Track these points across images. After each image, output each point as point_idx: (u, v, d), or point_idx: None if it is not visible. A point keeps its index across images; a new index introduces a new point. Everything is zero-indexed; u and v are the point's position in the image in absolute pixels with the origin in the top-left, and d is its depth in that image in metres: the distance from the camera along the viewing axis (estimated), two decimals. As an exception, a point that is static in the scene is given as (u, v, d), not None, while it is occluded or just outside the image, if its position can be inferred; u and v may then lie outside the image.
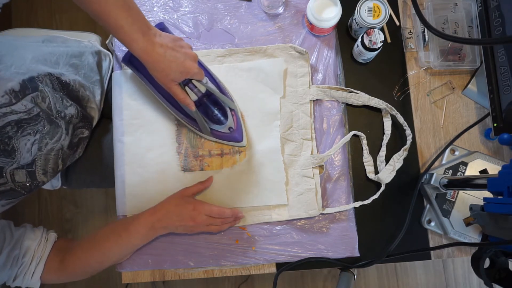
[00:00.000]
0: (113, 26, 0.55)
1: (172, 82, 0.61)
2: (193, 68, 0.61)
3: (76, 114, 0.71)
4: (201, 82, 0.65)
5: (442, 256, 0.75)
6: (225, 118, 0.69)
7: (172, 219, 0.66)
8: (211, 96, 0.69)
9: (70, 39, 0.84)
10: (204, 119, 0.68)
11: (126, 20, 0.55)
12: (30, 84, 0.60)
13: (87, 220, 1.59)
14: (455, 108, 0.78)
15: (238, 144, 0.72)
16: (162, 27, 0.67)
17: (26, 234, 0.64)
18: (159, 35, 0.59)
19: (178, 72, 0.60)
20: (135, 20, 0.55)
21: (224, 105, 0.70)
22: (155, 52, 0.57)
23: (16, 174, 0.62)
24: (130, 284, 1.39)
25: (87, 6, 0.53)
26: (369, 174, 0.74)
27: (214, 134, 0.71)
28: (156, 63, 0.58)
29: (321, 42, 0.77)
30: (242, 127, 0.72)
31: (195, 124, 0.70)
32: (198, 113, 0.67)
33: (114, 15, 0.54)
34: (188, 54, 0.61)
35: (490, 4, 0.71)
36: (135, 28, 0.55)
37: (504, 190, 0.51)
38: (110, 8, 0.53)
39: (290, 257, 0.72)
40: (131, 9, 0.55)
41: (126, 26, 0.55)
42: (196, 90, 0.65)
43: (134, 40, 0.56)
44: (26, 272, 0.63)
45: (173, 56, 0.59)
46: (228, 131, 0.70)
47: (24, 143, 0.61)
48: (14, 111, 0.57)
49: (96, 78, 0.82)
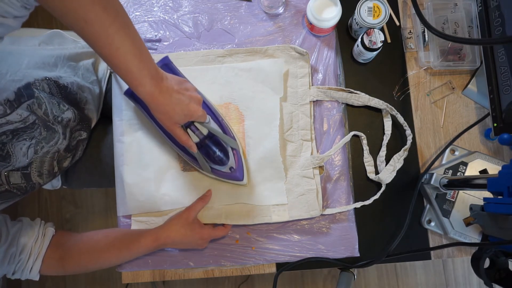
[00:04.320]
0: (123, 70, 0.54)
1: (175, 125, 0.61)
2: (197, 111, 0.61)
3: (73, 118, 0.71)
4: (203, 124, 0.65)
5: (442, 256, 0.75)
6: (227, 158, 0.69)
7: (178, 246, 0.71)
8: (213, 137, 0.68)
9: (67, 39, 0.84)
10: (205, 159, 0.68)
11: (137, 66, 0.53)
12: (26, 91, 0.59)
13: (87, 220, 1.59)
14: (455, 108, 0.78)
15: (238, 183, 0.71)
16: (167, 62, 0.67)
17: (22, 230, 0.64)
18: (166, 78, 0.59)
19: (182, 115, 0.60)
20: (145, 65, 0.54)
21: (226, 145, 0.69)
22: (161, 96, 0.57)
23: (11, 176, 0.62)
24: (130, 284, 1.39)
25: (97, 48, 0.52)
26: (370, 174, 0.74)
27: (214, 173, 0.70)
28: (160, 106, 0.58)
29: (321, 42, 0.77)
30: (243, 166, 0.71)
31: (196, 163, 0.69)
32: (199, 154, 0.66)
33: (125, 60, 0.53)
34: (192, 97, 0.61)
35: (490, 4, 0.71)
36: (144, 73, 0.54)
37: (504, 190, 0.52)
38: (122, 53, 0.52)
39: (290, 257, 0.72)
40: (142, 54, 0.54)
41: (136, 71, 0.54)
42: (198, 133, 0.65)
43: (141, 84, 0.55)
44: (24, 268, 0.64)
45: (178, 99, 0.59)
46: (229, 170, 0.70)
47: (20, 147, 0.61)
48: (10, 122, 0.56)
49: (93, 78, 0.82)
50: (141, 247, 0.67)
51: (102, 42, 0.50)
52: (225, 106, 0.75)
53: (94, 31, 0.49)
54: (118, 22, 0.50)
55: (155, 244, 0.67)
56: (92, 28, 0.49)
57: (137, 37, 0.54)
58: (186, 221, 0.68)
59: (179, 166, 0.74)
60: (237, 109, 0.75)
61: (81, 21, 0.48)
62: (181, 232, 0.67)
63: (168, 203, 0.73)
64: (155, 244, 0.67)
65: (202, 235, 0.68)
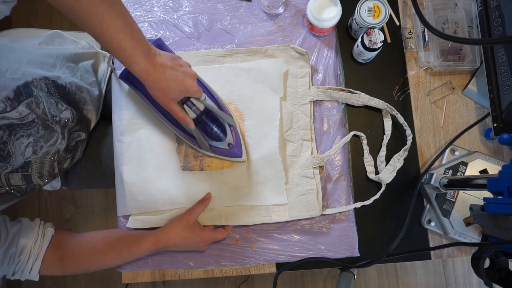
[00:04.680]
0: (116, 48, 0.54)
1: (171, 101, 0.61)
2: (193, 87, 0.61)
3: (71, 118, 0.71)
4: (199, 100, 0.65)
5: (442, 256, 0.75)
6: (224, 134, 0.69)
7: (178, 248, 0.70)
8: (209, 113, 0.68)
9: (67, 39, 0.84)
10: (203, 136, 0.68)
11: (129, 43, 0.54)
12: (25, 90, 0.60)
13: (87, 220, 1.59)
14: (455, 108, 0.78)
15: (237, 160, 0.72)
16: (160, 43, 0.67)
17: (22, 231, 0.64)
18: (159, 54, 0.59)
19: (177, 90, 0.60)
20: (138, 43, 0.55)
21: (223, 121, 0.69)
22: (155, 72, 0.57)
23: (12, 178, 0.62)
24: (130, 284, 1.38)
25: (88, 28, 0.52)
26: (370, 174, 0.74)
27: (213, 150, 0.71)
28: (156, 82, 0.58)
29: (321, 42, 0.77)
30: (241, 142, 0.71)
31: (194, 141, 0.70)
32: (197, 130, 0.66)
33: (117, 38, 0.53)
34: (187, 73, 0.61)
35: (490, 4, 0.71)
36: (137, 51, 0.55)
37: (504, 190, 0.51)
38: (113, 31, 0.52)
39: (290, 257, 0.72)
40: (133, 31, 0.55)
41: (128, 48, 0.54)
42: (195, 108, 0.65)
43: (135, 62, 0.55)
44: (23, 269, 0.64)
45: (173, 75, 0.59)
46: (227, 147, 0.70)
47: (19, 146, 0.61)
48: (6, 117, 0.57)
49: (92, 79, 0.82)
50: (141, 250, 0.68)
51: (92, 20, 0.51)
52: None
53: (83, 11, 0.49)
54: (107, 0, 0.51)
55: (156, 247, 0.68)
56: (81, 8, 0.49)
57: (128, 15, 0.55)
58: (186, 224, 0.68)
59: (178, 165, 0.74)
60: (237, 109, 0.75)
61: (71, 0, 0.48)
62: (181, 235, 0.67)
63: (167, 203, 0.73)
64: (156, 247, 0.68)
65: (202, 238, 0.68)
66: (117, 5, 0.52)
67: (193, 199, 0.72)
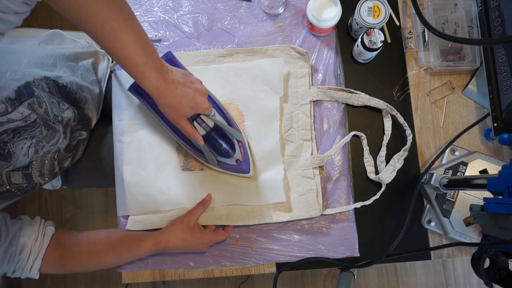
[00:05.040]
0: (128, 63, 0.54)
1: (181, 118, 0.61)
2: (203, 104, 0.61)
3: (73, 117, 0.71)
4: (209, 116, 0.65)
5: (442, 256, 0.75)
6: (233, 151, 0.69)
7: (179, 250, 0.70)
8: (219, 129, 0.68)
9: (67, 39, 0.84)
10: (211, 152, 0.68)
11: (141, 59, 0.53)
12: (26, 90, 0.60)
13: (87, 220, 1.59)
14: (455, 108, 0.78)
15: (245, 175, 0.71)
16: (170, 56, 0.67)
17: (22, 230, 0.64)
18: (171, 71, 0.59)
19: (188, 107, 0.60)
20: (150, 58, 0.54)
21: (231, 137, 0.69)
22: (166, 88, 0.57)
23: (12, 176, 0.62)
24: (130, 284, 1.39)
25: (101, 42, 0.52)
26: (370, 174, 0.74)
27: (221, 166, 0.71)
28: (166, 98, 0.58)
29: (321, 42, 0.77)
30: (249, 158, 0.71)
31: (202, 156, 0.69)
32: (206, 147, 0.66)
33: (129, 53, 0.53)
34: (198, 90, 0.61)
35: (490, 4, 0.71)
36: (149, 66, 0.54)
37: (504, 190, 0.51)
38: (126, 46, 0.52)
39: (290, 257, 0.72)
40: (146, 47, 0.54)
41: (141, 64, 0.54)
42: (204, 125, 0.65)
43: (147, 77, 0.55)
44: (24, 267, 0.64)
45: (184, 91, 0.59)
46: (235, 163, 0.70)
47: (21, 146, 0.61)
48: (11, 120, 0.57)
49: (93, 78, 0.82)
50: (141, 251, 0.68)
51: (106, 35, 0.51)
52: (225, 106, 0.75)
53: (97, 25, 0.49)
54: (122, 16, 0.50)
55: (156, 248, 0.68)
56: (96, 22, 0.49)
57: (141, 30, 0.54)
58: (186, 225, 0.68)
59: (179, 165, 0.74)
60: (237, 109, 0.75)
61: (84, 15, 0.48)
62: (181, 237, 0.67)
63: (167, 203, 0.73)
64: (156, 248, 0.68)
65: (202, 240, 0.68)
66: (130, 21, 0.52)
67: (193, 199, 0.72)
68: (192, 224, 0.68)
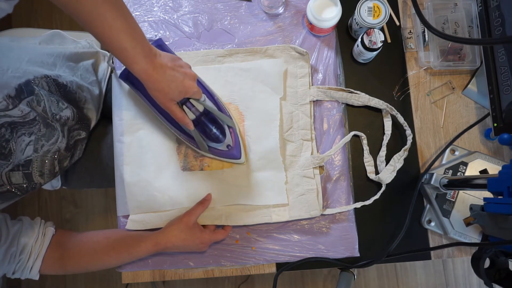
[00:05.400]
0: (116, 48, 0.54)
1: (171, 101, 0.61)
2: (192, 88, 0.62)
3: (72, 116, 0.71)
4: (199, 101, 0.65)
5: (442, 256, 0.75)
6: (223, 136, 0.69)
7: (179, 250, 0.70)
8: (209, 114, 0.68)
9: (67, 39, 0.84)
10: (202, 137, 0.68)
11: (130, 43, 0.54)
12: (26, 88, 0.60)
13: (87, 220, 1.59)
14: (455, 108, 0.78)
15: (236, 161, 0.72)
16: (160, 43, 0.67)
17: (22, 230, 0.64)
18: (159, 55, 0.59)
19: (177, 91, 0.60)
20: (138, 43, 0.55)
21: (222, 123, 0.70)
22: (155, 72, 0.57)
23: (13, 176, 0.62)
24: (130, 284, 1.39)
25: (89, 27, 0.52)
26: (370, 174, 0.74)
27: (212, 152, 0.71)
28: (155, 82, 0.58)
29: (321, 42, 0.77)
30: (240, 144, 0.71)
31: (193, 142, 0.69)
32: (196, 131, 0.67)
33: (118, 38, 0.53)
34: (187, 74, 0.61)
35: (490, 4, 0.71)
36: (138, 50, 0.55)
37: (504, 190, 0.51)
38: (115, 31, 0.53)
39: (290, 257, 0.72)
40: (135, 32, 0.55)
41: (129, 49, 0.54)
42: (194, 109, 0.65)
43: (135, 62, 0.56)
44: (24, 268, 0.64)
45: (173, 75, 0.59)
46: (226, 148, 0.70)
47: (19, 143, 0.61)
48: (8, 115, 0.57)
49: (93, 78, 0.82)
50: (141, 251, 0.68)
51: (94, 20, 0.51)
52: (225, 106, 0.75)
53: (85, 10, 0.50)
54: (110, 1, 0.51)
55: (155, 249, 0.68)
56: (84, 7, 0.49)
57: (129, 15, 0.55)
58: (186, 225, 0.68)
59: (178, 166, 0.74)
60: (237, 109, 0.75)
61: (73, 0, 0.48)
62: (181, 237, 0.67)
63: (167, 203, 0.73)
64: (155, 249, 0.68)
65: (202, 240, 0.69)
66: (119, 6, 0.53)
67: (193, 199, 0.72)
68: (191, 223, 0.68)
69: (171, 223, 0.69)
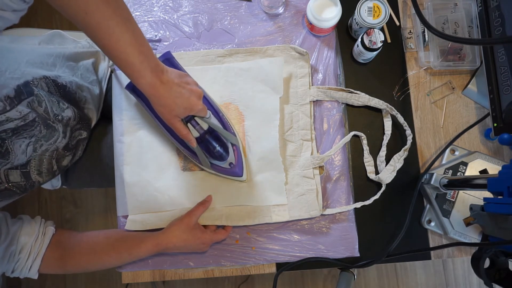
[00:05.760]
0: (123, 62, 0.54)
1: (176, 118, 0.61)
2: (198, 105, 0.61)
3: (73, 116, 0.71)
4: (204, 119, 0.65)
5: (442, 256, 0.75)
6: (226, 153, 0.69)
7: (179, 250, 0.70)
8: (213, 132, 0.68)
9: (67, 39, 0.84)
10: (204, 154, 0.68)
11: (137, 58, 0.54)
12: (25, 89, 0.60)
13: (87, 220, 1.59)
14: (455, 108, 0.78)
15: (238, 179, 0.71)
16: (169, 56, 0.67)
17: (22, 229, 0.64)
18: (166, 71, 0.59)
19: (182, 108, 0.60)
20: (146, 58, 0.55)
21: (226, 141, 0.69)
22: (161, 88, 0.57)
23: (11, 175, 0.62)
24: (130, 284, 1.39)
25: (97, 40, 0.52)
26: (370, 174, 0.74)
27: (214, 168, 0.71)
28: (161, 98, 0.58)
29: (321, 42, 0.77)
30: (242, 162, 0.71)
31: (195, 157, 0.69)
32: (199, 148, 0.66)
33: (125, 52, 0.53)
34: (193, 91, 0.61)
35: (490, 4, 0.71)
36: (145, 65, 0.55)
37: (504, 190, 0.51)
38: (122, 45, 0.52)
39: (290, 257, 0.72)
40: (142, 46, 0.55)
41: (136, 63, 0.54)
42: (199, 127, 0.65)
43: (142, 76, 0.55)
44: (23, 267, 0.64)
45: (179, 92, 0.59)
46: (228, 166, 0.70)
47: (19, 144, 0.61)
48: (10, 119, 0.57)
49: (93, 78, 0.82)
50: (141, 252, 0.68)
51: (102, 34, 0.51)
52: (225, 106, 0.75)
53: (94, 23, 0.50)
54: (119, 14, 0.51)
55: (156, 249, 0.68)
56: (93, 20, 0.49)
57: (138, 29, 0.55)
58: (187, 226, 0.68)
59: (179, 166, 0.74)
60: (237, 109, 0.75)
61: (82, 12, 0.48)
62: (182, 237, 0.67)
63: (168, 203, 0.73)
64: (156, 249, 0.68)
65: (203, 240, 0.69)
66: (128, 20, 0.53)
67: (193, 200, 0.72)
68: (192, 224, 0.68)
69: (172, 223, 0.69)
